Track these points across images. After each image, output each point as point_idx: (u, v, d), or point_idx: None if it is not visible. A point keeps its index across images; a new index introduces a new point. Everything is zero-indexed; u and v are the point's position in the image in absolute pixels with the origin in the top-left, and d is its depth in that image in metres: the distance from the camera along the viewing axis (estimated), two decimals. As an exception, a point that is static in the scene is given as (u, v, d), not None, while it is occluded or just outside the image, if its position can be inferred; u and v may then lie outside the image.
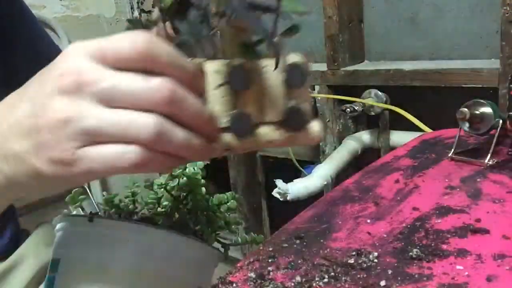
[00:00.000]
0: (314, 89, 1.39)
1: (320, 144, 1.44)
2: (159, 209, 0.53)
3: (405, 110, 1.21)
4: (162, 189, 0.53)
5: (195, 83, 0.32)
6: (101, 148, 0.30)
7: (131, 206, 0.53)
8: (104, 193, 0.54)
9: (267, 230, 1.84)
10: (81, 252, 0.44)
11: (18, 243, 0.71)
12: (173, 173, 0.51)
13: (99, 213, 0.51)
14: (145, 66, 0.30)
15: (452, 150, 0.69)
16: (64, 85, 0.30)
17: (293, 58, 0.33)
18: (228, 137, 0.34)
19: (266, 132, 0.35)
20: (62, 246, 0.45)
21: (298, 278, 0.41)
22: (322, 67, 1.38)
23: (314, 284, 0.40)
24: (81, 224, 0.44)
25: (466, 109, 0.65)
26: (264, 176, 1.79)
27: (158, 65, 0.30)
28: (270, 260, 0.45)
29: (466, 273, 0.39)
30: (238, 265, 0.45)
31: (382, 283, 0.39)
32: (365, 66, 1.36)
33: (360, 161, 1.41)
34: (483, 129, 0.65)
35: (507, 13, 1.00)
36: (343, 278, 0.41)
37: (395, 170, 0.67)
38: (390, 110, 1.26)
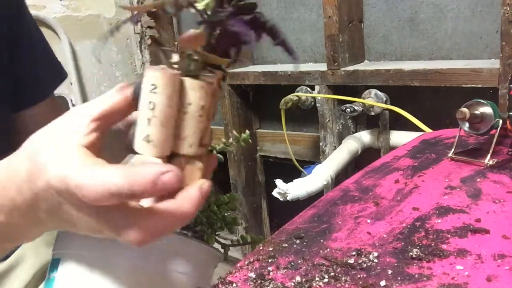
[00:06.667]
0: (314, 89, 1.39)
1: (320, 144, 1.44)
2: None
3: (405, 110, 1.21)
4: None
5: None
6: None
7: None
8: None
9: (267, 230, 1.84)
10: (81, 251, 0.44)
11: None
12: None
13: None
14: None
15: (452, 150, 0.69)
16: None
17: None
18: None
19: None
20: (63, 245, 0.45)
21: (298, 278, 0.41)
22: (322, 67, 1.38)
23: (314, 284, 0.40)
24: (81, 224, 0.44)
25: (466, 109, 0.65)
26: (264, 176, 1.79)
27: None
28: (270, 260, 0.45)
29: (466, 273, 0.39)
30: (238, 265, 0.45)
31: (382, 283, 0.39)
32: (365, 66, 1.36)
33: (360, 161, 1.41)
34: (483, 129, 0.65)
35: (507, 13, 1.00)
36: (343, 278, 0.41)
37: (395, 170, 0.67)
38: (390, 110, 1.26)
